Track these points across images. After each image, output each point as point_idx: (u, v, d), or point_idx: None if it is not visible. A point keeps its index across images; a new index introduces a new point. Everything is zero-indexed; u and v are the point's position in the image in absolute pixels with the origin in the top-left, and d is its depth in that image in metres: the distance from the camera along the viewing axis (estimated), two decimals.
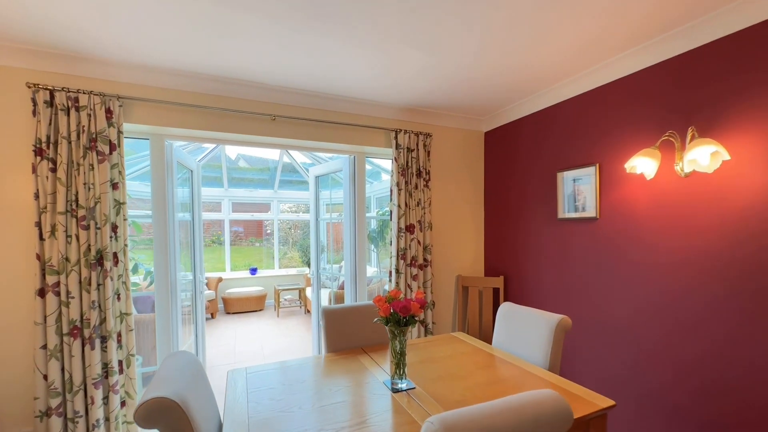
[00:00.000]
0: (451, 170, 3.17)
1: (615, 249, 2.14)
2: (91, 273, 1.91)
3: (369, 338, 2.04)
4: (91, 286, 1.90)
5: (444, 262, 3.13)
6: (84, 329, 1.90)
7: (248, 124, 2.45)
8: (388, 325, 1.50)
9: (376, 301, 1.53)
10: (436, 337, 2.09)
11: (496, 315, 2.06)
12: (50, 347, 1.83)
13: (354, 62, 2.10)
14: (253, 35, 1.78)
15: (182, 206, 2.92)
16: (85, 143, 1.93)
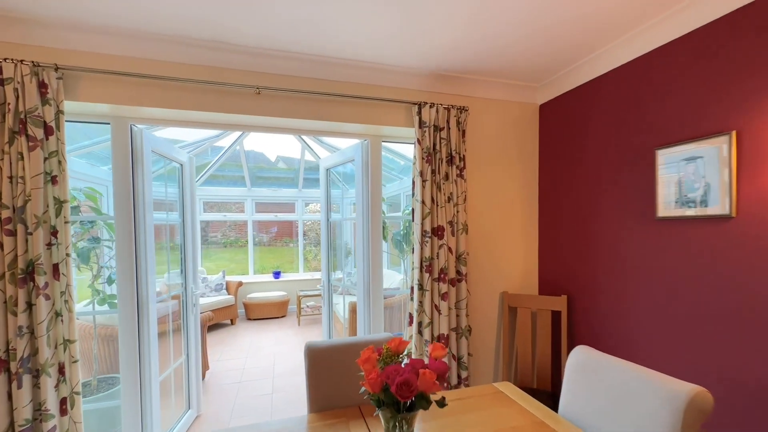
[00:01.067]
0: (493, 155, 2.45)
1: (765, 265, 1.32)
2: (17, 290, 1.50)
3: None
4: (18, 308, 1.50)
5: (484, 275, 2.43)
6: (10, 362, 1.50)
7: (227, 101, 1.94)
8: (381, 408, 0.88)
9: (361, 362, 0.92)
10: (469, 392, 1.43)
11: (566, 364, 1.36)
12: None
13: (365, 13, 1.49)
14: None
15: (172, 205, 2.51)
16: (12, 126, 1.52)
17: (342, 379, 1.43)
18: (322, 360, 1.43)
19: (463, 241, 2.24)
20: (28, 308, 1.52)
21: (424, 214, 2.17)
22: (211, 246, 8.42)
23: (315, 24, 1.69)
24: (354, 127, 2.26)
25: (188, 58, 1.86)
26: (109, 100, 1.76)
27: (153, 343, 1.99)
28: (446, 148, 2.22)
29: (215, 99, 1.92)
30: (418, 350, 2.15)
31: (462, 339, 2.22)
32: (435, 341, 2.15)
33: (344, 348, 1.48)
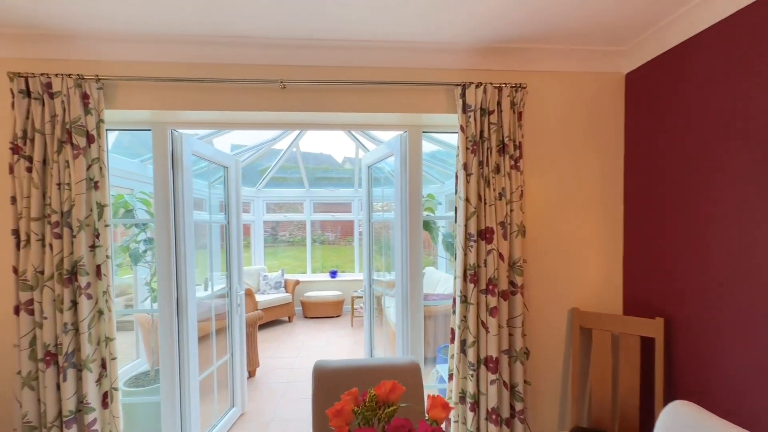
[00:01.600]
0: (560, 140, 2.00)
1: None
2: (63, 290, 1.60)
3: None
4: (63, 305, 1.60)
5: (547, 287, 2.00)
6: (58, 356, 1.61)
7: (250, 98, 1.87)
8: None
9: (332, 413, 0.69)
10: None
11: (658, 423, 0.96)
12: (24, 374, 1.59)
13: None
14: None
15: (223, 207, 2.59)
16: (61, 136, 1.64)
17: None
18: (330, 383, 1.24)
19: (518, 246, 1.86)
20: (73, 306, 1.62)
21: (469, 213, 1.85)
22: (281, 244, 8.92)
23: (342, 5, 1.50)
24: (388, 117, 2.03)
25: (215, 58, 1.83)
26: (146, 107, 1.81)
27: (192, 341, 2.03)
28: (497, 134, 1.87)
29: (238, 97, 1.87)
30: (461, 373, 1.84)
31: (516, 363, 1.84)
32: (482, 364, 1.82)
33: (356, 371, 1.27)
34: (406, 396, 1.25)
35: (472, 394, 1.80)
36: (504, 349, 1.82)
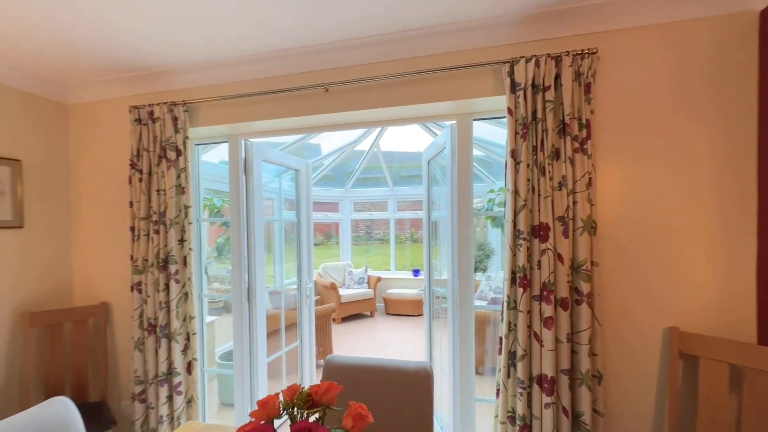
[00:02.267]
0: (653, 113, 1.57)
1: None
2: (159, 275, 2.00)
3: (384, 428, 1.13)
4: (159, 287, 2.00)
5: (630, 298, 1.59)
6: (156, 327, 2.01)
7: (298, 104, 2.01)
8: None
9: (259, 403, 0.69)
10: None
11: None
12: (135, 339, 2.04)
13: None
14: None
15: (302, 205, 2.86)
16: (159, 152, 2.05)
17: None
18: (338, 377, 1.24)
19: (584, 245, 1.53)
20: (166, 288, 2.01)
21: (518, 207, 1.61)
22: (374, 242, 9.31)
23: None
24: (432, 107, 1.92)
25: (267, 73, 2.02)
26: (221, 122, 2.11)
27: (261, 325, 2.29)
28: (555, 113, 1.58)
29: (285, 104, 2.02)
30: (510, 390, 1.61)
31: (581, 388, 1.51)
32: (534, 382, 1.56)
33: (365, 369, 1.24)
34: (412, 402, 1.16)
35: (522, 415, 1.56)
36: (564, 369, 1.52)
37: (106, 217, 2.29)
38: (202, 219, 2.38)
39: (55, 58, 1.92)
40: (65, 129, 2.34)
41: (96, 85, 2.24)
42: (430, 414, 1.15)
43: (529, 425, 1.57)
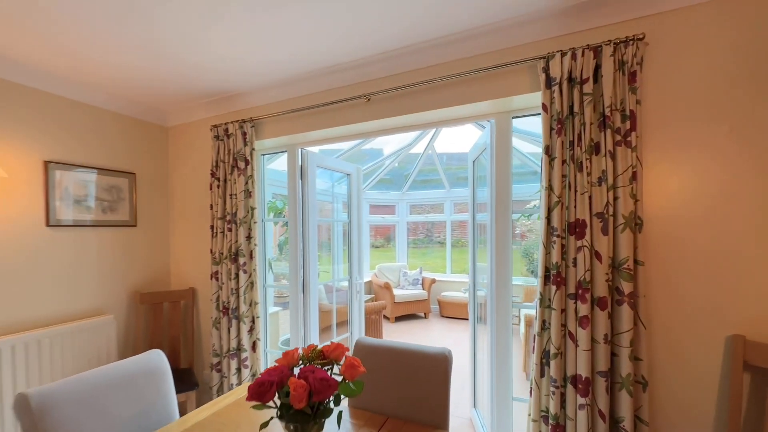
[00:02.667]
0: (711, 101, 1.44)
1: None
2: (231, 266, 2.37)
3: (411, 406, 1.25)
4: (231, 276, 2.36)
5: (683, 301, 1.47)
6: (229, 309, 2.38)
7: (345, 114, 2.22)
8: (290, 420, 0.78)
9: (284, 354, 0.87)
10: None
11: None
12: (213, 318, 2.44)
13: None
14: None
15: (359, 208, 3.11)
16: (231, 162, 2.43)
17: (380, 382, 1.32)
18: (366, 356, 1.38)
19: (625, 243, 1.46)
20: (236, 277, 2.37)
21: (552, 203, 1.60)
22: (434, 245, 9.30)
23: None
24: (470, 108, 1.97)
25: (318, 87, 2.28)
26: (281, 134, 2.42)
27: (314, 315, 2.54)
28: (594, 106, 1.55)
29: (336, 115, 2.25)
30: (542, 389, 1.59)
31: (621, 392, 1.44)
32: (569, 382, 1.52)
33: (389, 351, 1.37)
34: (430, 381, 1.25)
35: (555, 414, 1.53)
36: (601, 370, 1.46)
37: (193, 218, 2.77)
38: (266, 219, 2.73)
39: (159, 92, 2.42)
40: (165, 147, 2.89)
41: (186, 110, 2.73)
42: (447, 392, 1.23)
43: (563, 426, 1.54)
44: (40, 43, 1.81)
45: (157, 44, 1.84)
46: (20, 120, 2.06)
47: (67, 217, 2.25)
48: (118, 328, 2.49)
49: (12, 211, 2.03)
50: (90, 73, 2.13)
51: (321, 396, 0.68)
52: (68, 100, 2.28)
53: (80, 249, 2.32)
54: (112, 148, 2.51)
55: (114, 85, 2.30)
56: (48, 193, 2.16)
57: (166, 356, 1.36)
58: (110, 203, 2.49)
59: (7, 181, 2.00)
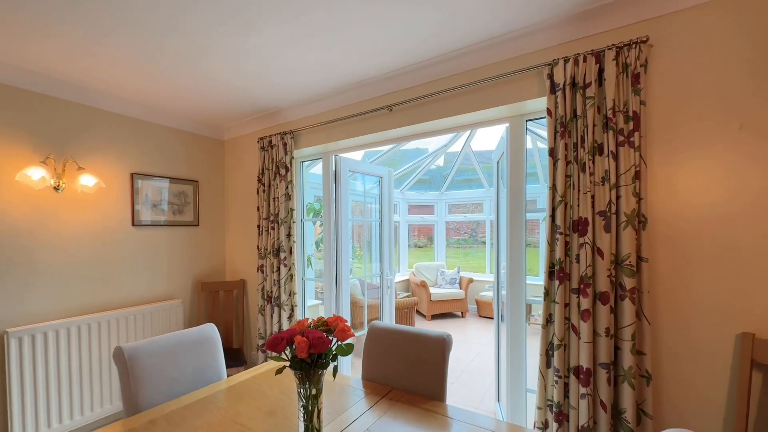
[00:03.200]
0: (719, 99, 1.45)
1: None
2: (274, 260, 2.71)
3: (413, 380, 1.44)
4: (273, 269, 2.71)
5: (689, 297, 1.47)
6: (272, 298, 2.73)
7: (370, 124, 2.46)
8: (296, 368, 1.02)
9: (298, 322, 1.11)
10: None
11: None
12: (258, 306, 2.80)
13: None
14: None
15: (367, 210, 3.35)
16: (274, 169, 2.79)
17: (388, 359, 1.52)
18: (378, 338, 1.59)
19: (628, 240, 1.51)
20: (278, 270, 2.70)
21: (555, 202, 1.69)
22: (478, 245, 9.18)
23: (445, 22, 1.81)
24: (485, 113, 2.09)
25: (349, 100, 2.54)
26: (317, 143, 2.72)
27: (345, 305, 2.81)
28: (599, 109, 1.61)
29: (362, 124, 2.49)
30: (547, 379, 1.67)
31: (624, 385, 1.48)
32: (571, 373, 1.59)
33: (400, 335, 1.56)
34: (430, 361, 1.43)
35: (558, 403, 1.61)
36: (603, 362, 1.52)
37: (244, 218, 3.19)
38: (305, 219, 3.06)
39: (217, 111, 2.85)
40: (222, 157, 3.35)
41: (238, 126, 3.16)
42: (444, 369, 1.40)
43: (566, 414, 1.61)
44: (137, 80, 2.27)
45: (216, 75, 2.22)
46: (113, 140, 2.58)
47: (147, 218, 2.75)
48: (185, 310, 2.96)
49: (108, 213, 2.55)
50: (164, 100, 2.60)
51: (317, 349, 0.90)
52: (147, 122, 2.79)
53: (156, 245, 2.81)
54: (180, 160, 3.00)
55: (181, 107, 2.76)
56: (133, 198, 2.66)
57: (220, 334, 1.69)
58: (179, 206, 2.97)
59: (104, 189, 2.52)
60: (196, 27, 1.73)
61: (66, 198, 2.34)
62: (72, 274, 2.36)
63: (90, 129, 2.46)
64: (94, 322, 2.34)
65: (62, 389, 2.18)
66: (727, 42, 1.41)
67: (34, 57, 1.98)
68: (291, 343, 0.95)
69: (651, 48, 1.56)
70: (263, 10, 1.62)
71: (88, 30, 1.73)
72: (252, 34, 1.79)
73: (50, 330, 2.15)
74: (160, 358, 1.38)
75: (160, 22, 1.68)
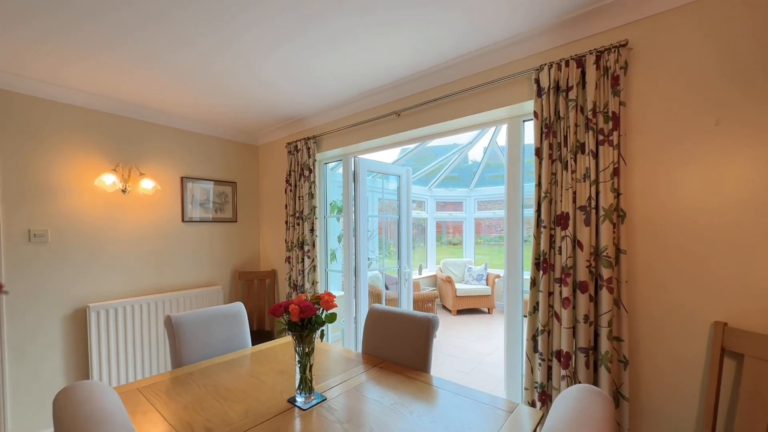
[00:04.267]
0: (697, 98, 1.50)
1: None
2: (299, 252, 3.04)
3: (402, 354, 1.66)
4: (299, 260, 3.04)
5: (667, 288, 1.54)
6: (297, 287, 3.06)
7: (378, 128, 2.69)
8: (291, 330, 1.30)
9: (296, 298, 1.38)
10: None
11: None
12: (287, 293, 3.14)
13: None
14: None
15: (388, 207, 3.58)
16: (299, 171, 3.11)
17: (385, 337, 1.75)
18: (375, 319, 1.82)
19: (606, 233, 1.61)
20: (302, 262, 3.03)
21: (540, 197, 1.81)
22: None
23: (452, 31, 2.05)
24: (485, 115, 2.23)
25: (363, 107, 2.79)
26: (337, 146, 3.01)
27: (363, 295, 3.07)
28: (578, 111, 1.72)
29: (377, 128, 2.72)
30: (533, 363, 1.81)
31: (601, 369, 1.59)
32: (554, 357, 1.71)
33: (393, 315, 1.78)
34: (418, 337, 1.64)
35: (541, 383, 1.74)
36: (582, 347, 1.63)
37: (274, 215, 3.56)
38: (328, 216, 3.36)
39: (252, 120, 3.23)
40: (257, 161, 3.76)
41: (270, 133, 3.53)
42: (428, 346, 1.60)
43: (549, 395, 1.73)
44: (185, 98, 2.70)
45: (251, 93, 2.57)
46: (166, 149, 3.05)
47: (195, 215, 3.20)
48: (224, 296, 3.40)
49: (163, 212, 3.02)
50: (207, 113, 3.02)
51: (305, 314, 1.16)
52: (194, 133, 3.24)
53: (201, 238, 3.26)
54: (221, 164, 3.43)
55: (222, 118, 3.18)
56: (183, 198, 3.12)
57: (249, 317, 2.01)
58: (220, 205, 3.41)
59: (161, 191, 2.99)
60: (235, 55, 2.06)
61: (131, 199, 2.82)
62: (135, 263, 2.85)
63: (148, 140, 2.94)
64: (152, 302, 2.81)
65: (128, 353, 2.66)
66: (702, 42, 1.46)
67: (109, 86, 2.45)
68: (287, 310, 1.22)
69: (630, 51, 1.63)
70: (293, 37, 1.91)
71: (141, 58, 2.13)
72: (282, 54, 2.09)
73: (119, 306, 2.64)
74: (198, 326, 1.73)
75: (206, 53, 2.04)
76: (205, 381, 1.45)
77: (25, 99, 2.37)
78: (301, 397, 1.25)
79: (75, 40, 1.89)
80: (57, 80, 2.36)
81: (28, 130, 2.39)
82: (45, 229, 2.43)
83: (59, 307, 2.49)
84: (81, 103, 2.58)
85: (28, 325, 2.36)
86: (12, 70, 2.22)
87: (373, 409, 1.22)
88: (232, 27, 1.80)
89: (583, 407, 0.78)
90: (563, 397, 0.85)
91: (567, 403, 0.80)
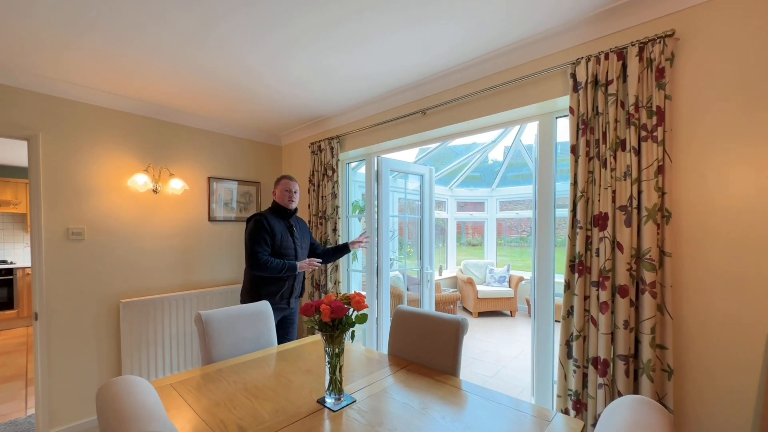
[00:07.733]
0: (758, 89, 1.40)
1: None
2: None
3: (430, 356, 1.62)
4: None
5: (719, 294, 1.44)
6: (320, 285, 3.06)
7: (403, 127, 2.66)
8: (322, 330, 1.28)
9: (326, 297, 1.36)
10: None
11: None
12: (309, 292, 3.15)
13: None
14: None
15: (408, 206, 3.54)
16: (323, 171, 3.12)
17: (412, 339, 1.71)
18: (402, 320, 1.79)
19: (649, 235, 1.52)
20: None
21: (576, 198, 1.73)
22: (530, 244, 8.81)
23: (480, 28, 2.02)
24: (515, 112, 2.17)
25: (388, 106, 2.76)
26: (360, 146, 3.00)
27: (385, 294, 3.04)
28: (618, 105, 1.63)
29: (403, 127, 2.69)
30: (567, 370, 1.73)
31: (642, 378, 1.50)
32: (590, 363, 1.63)
33: (421, 317, 1.75)
34: (446, 341, 1.60)
35: (576, 391, 1.66)
36: (621, 354, 1.54)
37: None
38: (350, 216, 3.36)
39: (277, 121, 3.27)
40: (280, 161, 3.80)
41: (293, 133, 3.56)
42: (458, 348, 1.55)
43: (584, 403, 1.65)
44: (212, 102, 2.76)
45: (278, 95, 2.60)
46: (194, 150, 3.12)
47: (220, 215, 3.26)
48: None
49: (191, 211, 3.09)
50: (233, 114, 3.07)
51: (336, 315, 1.14)
52: (220, 134, 3.30)
53: (227, 237, 3.32)
54: (246, 165, 3.49)
55: (246, 119, 3.23)
56: (210, 198, 3.19)
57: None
58: (245, 204, 3.46)
59: (189, 191, 3.06)
60: (260, 60, 2.08)
61: (161, 198, 2.90)
62: (164, 260, 2.92)
63: (177, 142, 3.02)
64: (180, 299, 2.88)
65: (157, 348, 2.74)
66: (756, 32, 1.35)
67: (140, 90, 2.52)
68: (318, 310, 1.20)
69: (677, 41, 1.54)
70: (321, 38, 1.91)
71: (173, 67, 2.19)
72: (308, 56, 2.10)
73: (149, 303, 2.72)
74: (226, 324, 1.74)
75: (244, 60, 2.07)
76: (234, 378, 1.46)
77: (65, 103, 2.48)
78: (331, 399, 1.23)
79: (123, 53, 1.96)
80: (95, 85, 2.46)
81: (67, 132, 2.49)
82: (82, 227, 2.53)
83: (93, 302, 2.58)
84: (116, 106, 2.67)
85: (65, 319, 2.46)
86: (59, 77, 2.32)
87: (404, 413, 1.19)
88: (268, 34, 1.81)
89: (640, 419, 0.72)
90: (616, 409, 0.80)
91: (622, 415, 0.74)
